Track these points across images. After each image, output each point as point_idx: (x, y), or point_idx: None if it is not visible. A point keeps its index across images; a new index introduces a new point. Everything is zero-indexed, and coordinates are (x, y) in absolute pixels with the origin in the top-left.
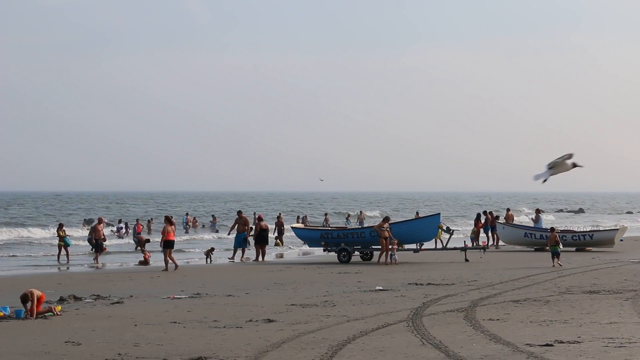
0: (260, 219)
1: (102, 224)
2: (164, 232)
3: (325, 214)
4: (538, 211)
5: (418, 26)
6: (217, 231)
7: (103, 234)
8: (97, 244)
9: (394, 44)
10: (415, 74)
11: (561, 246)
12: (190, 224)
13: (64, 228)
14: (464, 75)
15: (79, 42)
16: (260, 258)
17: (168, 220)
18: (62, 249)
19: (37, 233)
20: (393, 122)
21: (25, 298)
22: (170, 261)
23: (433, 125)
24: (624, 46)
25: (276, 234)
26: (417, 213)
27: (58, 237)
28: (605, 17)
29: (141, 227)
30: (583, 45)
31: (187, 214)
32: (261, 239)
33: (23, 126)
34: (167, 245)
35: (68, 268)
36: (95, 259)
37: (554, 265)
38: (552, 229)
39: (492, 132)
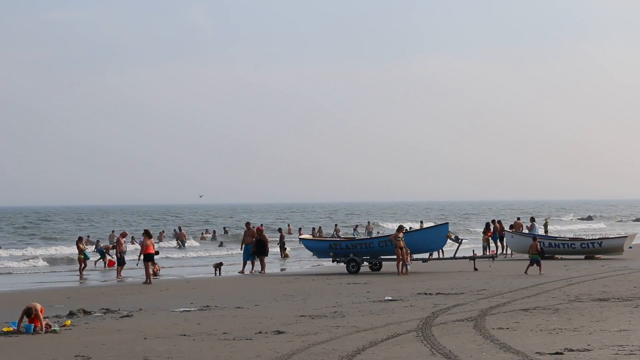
0: (260, 230)
1: (125, 238)
2: (143, 246)
3: (335, 225)
4: (532, 219)
5: (426, 35)
6: (221, 244)
7: (125, 248)
8: (120, 258)
9: (401, 52)
10: (423, 83)
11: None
12: (183, 237)
13: (83, 241)
14: (471, 83)
15: (85, 55)
16: (260, 270)
17: (147, 234)
18: (82, 262)
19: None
20: (401, 130)
21: (29, 312)
22: (150, 274)
23: (441, 133)
24: (630, 53)
25: (279, 246)
26: (422, 222)
27: (78, 251)
28: (611, 25)
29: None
30: (589, 53)
31: (179, 227)
32: (259, 251)
33: (30, 140)
34: (147, 258)
35: (83, 282)
36: (118, 273)
37: (526, 272)
38: (535, 238)
39: (500, 140)
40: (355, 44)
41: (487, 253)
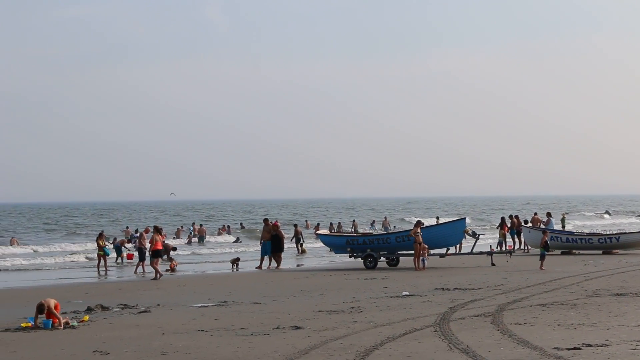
0: (276, 226)
1: (147, 233)
2: (152, 242)
3: (353, 220)
4: (549, 214)
5: (442, 30)
6: (237, 239)
7: (147, 243)
8: (141, 253)
9: (418, 48)
10: (439, 78)
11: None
12: (196, 232)
13: (103, 237)
14: (487, 78)
15: (98, 53)
16: (274, 265)
17: (157, 230)
18: (102, 258)
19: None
20: (417, 125)
21: (41, 308)
22: (157, 270)
23: (456, 128)
24: None
25: (294, 242)
26: (438, 218)
27: (97, 247)
28: (627, 19)
29: (164, 236)
30: (603, 47)
31: (193, 224)
32: (275, 247)
33: (43, 136)
34: (155, 254)
35: (106, 278)
36: (140, 267)
37: (541, 268)
38: (544, 232)
39: (517, 134)
40: (371, 39)
41: (504, 248)
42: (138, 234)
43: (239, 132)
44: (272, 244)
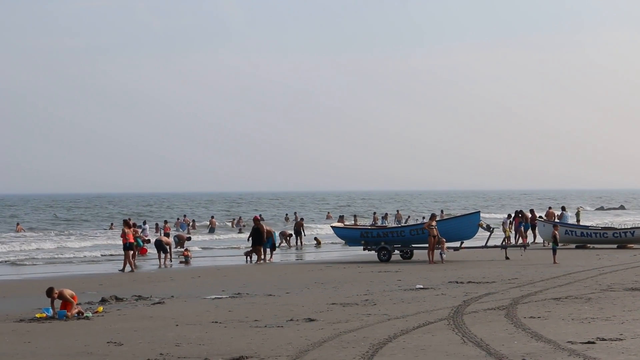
0: (256, 220)
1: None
2: (123, 235)
3: (374, 213)
4: (563, 209)
5: (423, 27)
6: (240, 231)
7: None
8: (162, 247)
9: (398, 44)
10: (420, 75)
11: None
12: (189, 225)
13: (135, 228)
14: (469, 75)
15: (83, 46)
16: (259, 259)
17: (126, 224)
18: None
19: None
20: (397, 121)
21: (49, 292)
22: (129, 263)
23: (437, 124)
24: (625, 44)
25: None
26: (442, 212)
27: (131, 238)
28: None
29: (169, 228)
30: (585, 44)
31: (184, 216)
32: (255, 240)
33: (32, 129)
34: (128, 247)
35: (133, 270)
36: (164, 260)
37: (555, 262)
38: (555, 226)
39: (495, 131)
40: (349, 35)
41: (511, 242)
42: (146, 226)
43: (217, 125)
44: (253, 237)
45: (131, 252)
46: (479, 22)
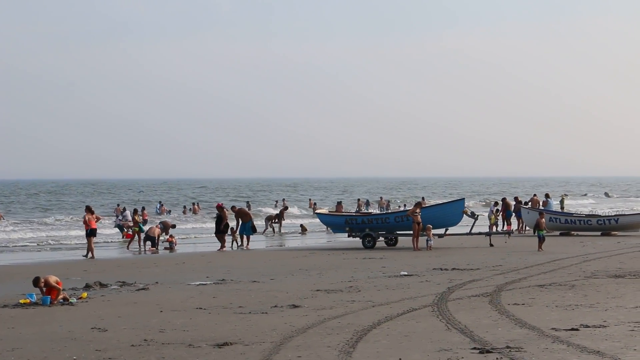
0: (220, 207)
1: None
2: (86, 221)
3: (358, 200)
4: (547, 196)
5: (457, 11)
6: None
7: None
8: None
9: (431, 28)
10: (454, 57)
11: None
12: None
13: (139, 213)
14: (505, 57)
15: (104, 30)
16: (222, 247)
17: (89, 210)
18: (136, 234)
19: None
20: (428, 108)
21: (36, 282)
22: (93, 249)
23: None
24: None
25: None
26: (423, 199)
27: (133, 222)
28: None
29: (147, 214)
30: (609, 28)
31: (161, 204)
32: (216, 228)
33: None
34: (90, 233)
35: (140, 253)
36: (149, 248)
37: (540, 250)
38: (541, 214)
39: (531, 115)
40: (384, 20)
41: (497, 230)
42: (125, 213)
43: (249, 111)
44: (216, 225)
45: (93, 238)
46: (518, 4)
